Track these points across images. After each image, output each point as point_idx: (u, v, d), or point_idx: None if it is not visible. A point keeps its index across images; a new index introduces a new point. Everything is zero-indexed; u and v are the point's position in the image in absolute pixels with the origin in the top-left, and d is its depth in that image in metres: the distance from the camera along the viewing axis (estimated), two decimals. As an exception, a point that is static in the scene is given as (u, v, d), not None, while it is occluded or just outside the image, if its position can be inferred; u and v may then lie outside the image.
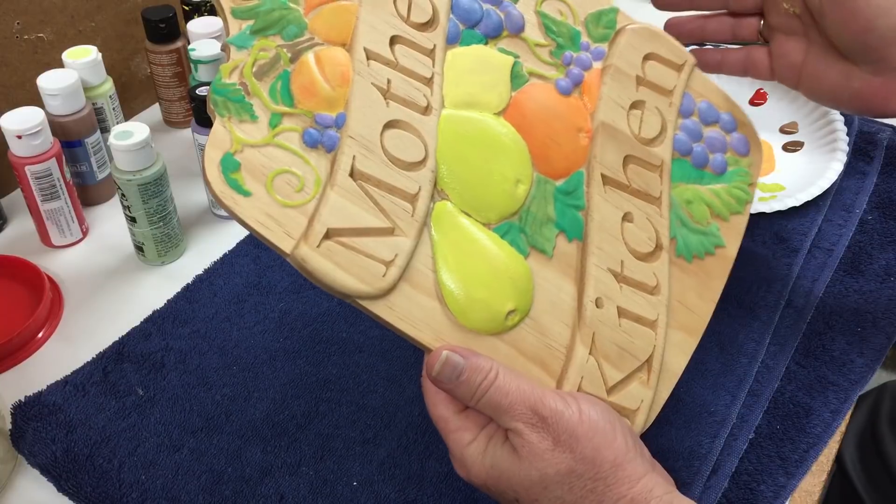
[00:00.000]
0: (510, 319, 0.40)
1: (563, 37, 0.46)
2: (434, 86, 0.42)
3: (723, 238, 0.47)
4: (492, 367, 0.38)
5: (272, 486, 0.48)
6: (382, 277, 0.38)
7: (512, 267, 0.41)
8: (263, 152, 0.38)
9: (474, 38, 0.44)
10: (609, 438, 0.38)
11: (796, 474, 0.49)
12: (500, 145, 0.42)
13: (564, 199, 0.43)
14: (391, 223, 0.39)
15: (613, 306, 0.43)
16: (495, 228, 0.41)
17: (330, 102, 0.40)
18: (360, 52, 0.41)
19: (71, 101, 0.63)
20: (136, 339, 0.56)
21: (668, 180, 0.46)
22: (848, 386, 0.54)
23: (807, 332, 0.57)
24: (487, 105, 0.43)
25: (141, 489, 0.47)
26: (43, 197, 0.62)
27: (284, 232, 0.37)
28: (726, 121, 0.49)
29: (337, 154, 0.39)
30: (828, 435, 0.51)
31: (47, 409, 0.51)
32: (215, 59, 0.68)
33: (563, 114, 0.45)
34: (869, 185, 0.69)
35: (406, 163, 0.40)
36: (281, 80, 0.39)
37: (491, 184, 0.42)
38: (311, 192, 0.38)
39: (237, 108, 0.38)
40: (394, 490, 0.48)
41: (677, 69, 0.48)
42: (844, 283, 0.61)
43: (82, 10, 0.73)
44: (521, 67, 0.44)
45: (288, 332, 0.57)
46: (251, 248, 0.64)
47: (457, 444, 0.39)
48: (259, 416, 0.52)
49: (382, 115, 0.40)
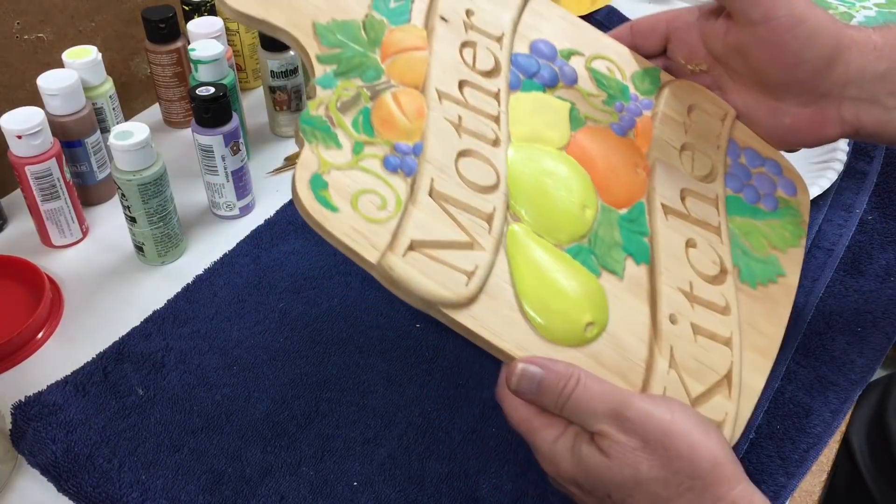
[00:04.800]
0: (589, 332, 0.41)
1: (613, 89, 0.49)
2: (501, 123, 0.45)
3: (783, 267, 0.48)
4: (573, 372, 0.38)
5: (272, 487, 0.48)
6: (465, 286, 0.39)
7: (587, 283, 0.42)
8: (348, 174, 0.40)
9: (533, 86, 0.47)
10: (704, 437, 0.37)
11: (796, 474, 0.49)
12: (565, 173, 0.45)
13: (629, 226, 0.45)
14: (470, 238, 0.41)
15: (688, 323, 0.43)
16: (567, 249, 0.43)
17: (407, 133, 0.43)
18: (433, 92, 0.44)
19: (71, 101, 0.63)
20: (136, 339, 0.56)
21: (724, 212, 0.48)
22: (848, 386, 0.54)
23: (807, 332, 0.57)
24: (550, 141, 0.46)
25: (141, 489, 0.47)
26: (43, 197, 0.62)
27: (370, 244, 0.39)
28: (772, 165, 0.51)
29: (416, 177, 0.42)
30: (828, 435, 0.51)
31: (47, 409, 0.51)
32: (215, 60, 0.68)
33: (621, 150, 0.47)
34: (869, 185, 0.69)
35: (480, 186, 0.43)
36: (362, 114, 0.42)
37: (560, 207, 0.44)
38: (393, 210, 0.40)
39: (324, 136, 0.41)
40: (394, 490, 0.48)
41: (721, 119, 0.50)
42: (844, 283, 0.61)
43: (82, 10, 0.73)
44: (577, 112, 0.47)
45: (288, 332, 0.57)
46: (251, 248, 0.64)
47: (544, 441, 0.39)
48: (259, 416, 0.52)
49: (456, 144, 0.43)
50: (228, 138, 0.63)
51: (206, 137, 0.63)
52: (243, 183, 0.67)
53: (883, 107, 0.45)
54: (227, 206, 0.67)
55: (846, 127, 0.46)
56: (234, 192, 0.66)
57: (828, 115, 0.46)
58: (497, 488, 0.48)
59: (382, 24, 0.45)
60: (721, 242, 0.47)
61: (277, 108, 0.76)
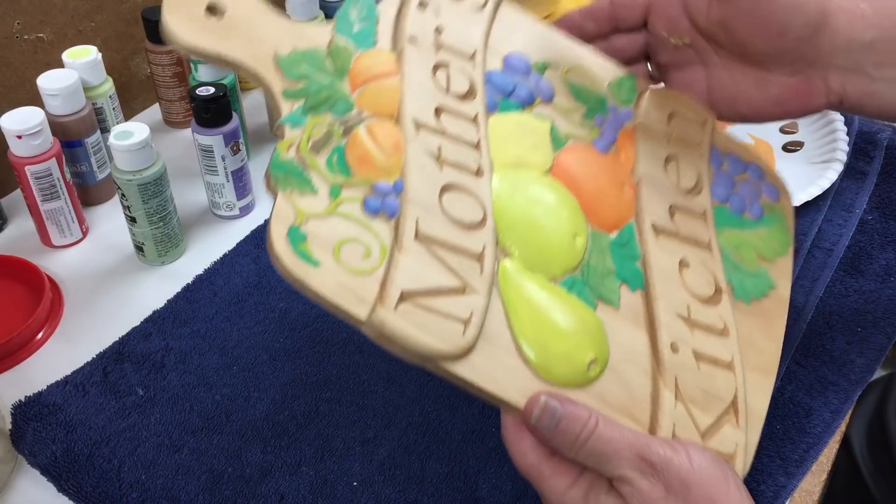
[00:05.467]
0: (592, 370, 0.40)
1: (592, 101, 0.48)
2: (482, 150, 0.43)
3: (773, 279, 0.47)
4: (591, 414, 0.37)
5: (272, 486, 0.48)
6: (462, 336, 0.37)
7: (584, 318, 0.41)
8: (327, 223, 0.38)
9: (511, 105, 0.46)
10: (723, 487, 0.37)
11: (796, 474, 0.49)
12: (552, 201, 0.44)
13: (620, 251, 0.44)
14: (462, 282, 0.39)
15: (689, 350, 0.42)
16: (561, 283, 0.42)
17: (386, 170, 0.41)
18: (409, 123, 0.42)
19: (71, 101, 0.63)
20: (136, 339, 0.56)
21: (713, 227, 0.47)
22: (848, 386, 0.54)
23: (807, 332, 0.57)
24: (534, 165, 0.44)
25: (141, 489, 0.47)
26: (43, 197, 0.62)
27: (358, 298, 0.37)
28: (754, 169, 0.50)
29: (399, 219, 0.39)
30: (828, 435, 0.51)
31: (47, 409, 0.51)
32: (215, 59, 0.68)
33: (606, 169, 0.46)
34: (869, 185, 0.69)
35: (467, 223, 0.41)
36: (336, 153, 0.40)
37: (550, 239, 0.42)
38: (379, 259, 0.38)
39: (298, 182, 0.39)
40: (394, 490, 0.48)
41: (700, 125, 0.49)
42: (844, 283, 0.61)
43: (82, 10, 0.73)
44: (558, 131, 0.46)
45: (288, 332, 0.57)
46: (251, 248, 0.64)
47: (553, 491, 0.37)
48: (259, 416, 0.52)
49: (438, 178, 0.41)
50: (228, 138, 0.63)
51: (206, 137, 0.63)
52: (243, 183, 0.67)
53: (869, 77, 0.44)
54: (227, 206, 0.67)
55: (832, 97, 0.45)
56: (234, 192, 0.66)
57: (814, 85, 0.45)
58: (497, 488, 0.48)
59: (348, 50, 0.43)
60: (712, 258, 0.46)
61: (277, 108, 0.76)
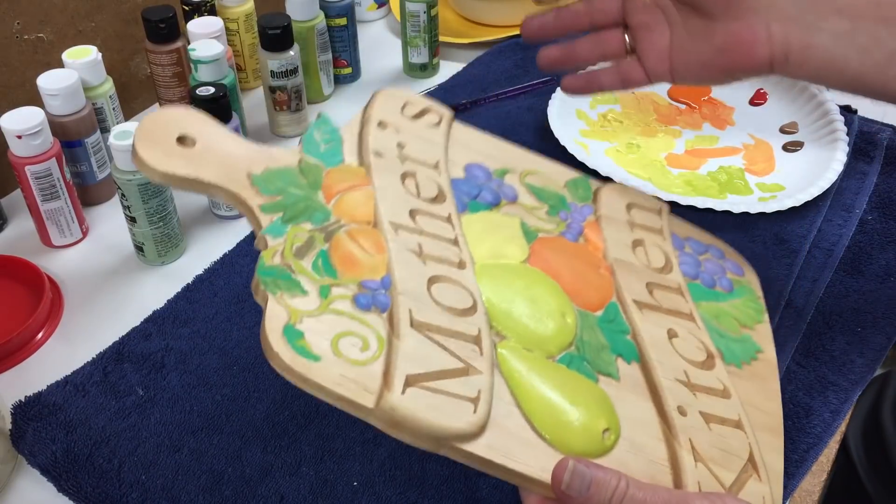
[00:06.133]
0: (608, 439, 0.40)
1: (553, 199, 0.50)
2: (461, 245, 0.44)
3: (758, 344, 0.48)
4: (620, 478, 0.36)
5: (272, 487, 0.48)
6: (474, 413, 0.37)
7: (590, 389, 0.41)
8: (321, 320, 0.38)
9: (479, 206, 0.47)
10: None
11: (796, 474, 0.49)
12: (536, 285, 0.45)
13: (609, 327, 0.45)
14: (464, 363, 0.39)
15: (696, 412, 0.42)
16: (559, 360, 0.42)
17: (371, 268, 0.41)
18: (387, 225, 0.43)
19: (71, 101, 0.63)
20: (136, 339, 0.56)
21: (691, 300, 0.48)
22: (848, 386, 0.54)
23: (807, 332, 0.57)
24: (512, 256, 0.46)
25: (141, 489, 0.47)
26: (43, 197, 0.62)
27: (363, 389, 0.36)
28: (714, 250, 0.53)
29: (392, 310, 0.39)
30: (828, 435, 0.51)
31: (47, 409, 0.51)
32: (215, 60, 0.68)
33: (579, 255, 0.48)
34: (869, 185, 0.69)
35: (459, 310, 0.41)
36: (320, 256, 0.41)
37: (541, 319, 0.43)
38: (377, 349, 0.38)
39: (287, 285, 0.39)
40: (394, 491, 0.48)
41: (657, 213, 0.52)
42: (844, 283, 0.61)
43: (82, 10, 0.73)
44: (527, 226, 0.48)
45: (288, 333, 0.57)
46: (251, 248, 0.64)
47: None
48: (259, 416, 0.52)
49: (424, 271, 0.42)
50: (228, 138, 0.63)
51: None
52: (243, 183, 0.66)
53: (810, 28, 0.44)
54: (227, 205, 0.67)
55: (775, 48, 0.45)
56: (234, 192, 0.66)
57: (757, 33, 0.45)
58: (497, 489, 0.48)
59: (318, 167, 0.44)
60: (698, 328, 0.47)
61: (277, 108, 0.76)
